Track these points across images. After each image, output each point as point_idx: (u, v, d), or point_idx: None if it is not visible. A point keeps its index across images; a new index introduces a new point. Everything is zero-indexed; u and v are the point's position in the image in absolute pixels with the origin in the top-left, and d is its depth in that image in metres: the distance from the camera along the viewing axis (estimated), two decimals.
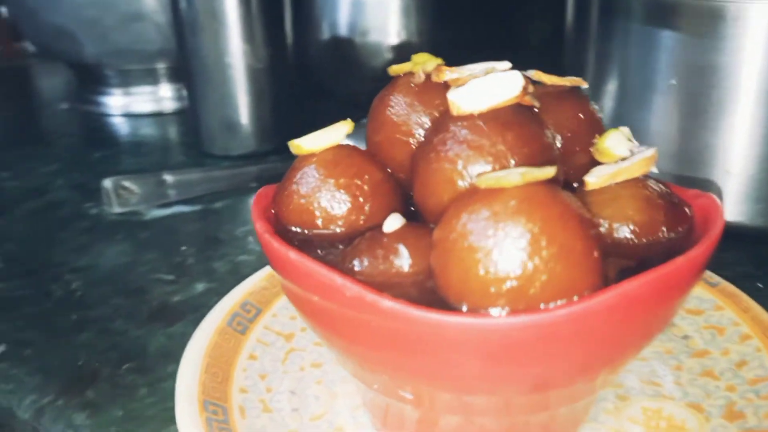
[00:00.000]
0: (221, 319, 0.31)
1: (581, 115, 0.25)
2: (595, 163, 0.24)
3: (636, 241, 0.22)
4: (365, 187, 0.24)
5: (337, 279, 0.19)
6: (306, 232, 0.24)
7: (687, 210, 0.24)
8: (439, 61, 0.26)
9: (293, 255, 0.20)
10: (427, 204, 0.22)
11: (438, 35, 0.67)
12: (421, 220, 0.23)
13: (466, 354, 0.19)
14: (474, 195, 0.19)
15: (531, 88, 0.23)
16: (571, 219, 0.18)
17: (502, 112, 0.21)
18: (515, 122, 0.21)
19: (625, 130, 0.25)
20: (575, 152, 0.25)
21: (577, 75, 0.43)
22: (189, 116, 0.62)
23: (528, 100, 0.23)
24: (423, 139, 0.24)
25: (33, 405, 0.30)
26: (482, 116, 0.21)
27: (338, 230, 0.24)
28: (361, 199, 0.24)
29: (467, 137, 0.21)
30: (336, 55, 0.69)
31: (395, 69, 0.26)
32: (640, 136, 0.40)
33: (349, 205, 0.24)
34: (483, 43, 0.69)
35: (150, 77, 0.76)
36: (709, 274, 0.33)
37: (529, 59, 0.29)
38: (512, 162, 0.21)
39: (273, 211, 0.25)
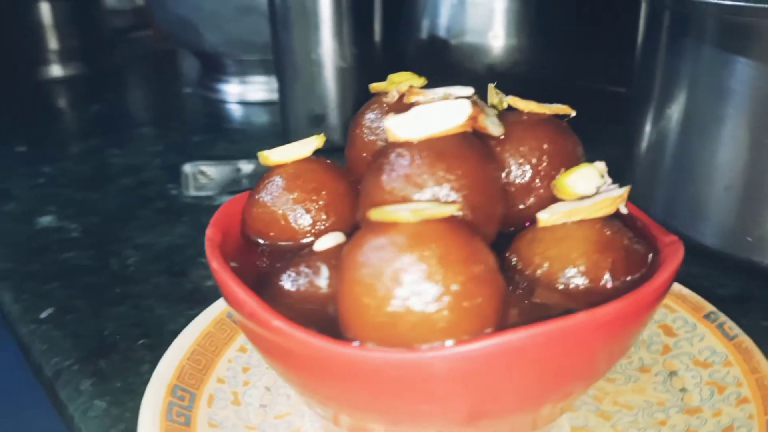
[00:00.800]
0: (221, 310, 0.33)
1: (549, 146, 0.23)
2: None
3: (576, 285, 0.21)
4: (321, 202, 0.24)
5: (239, 293, 0.20)
6: (265, 242, 0.25)
7: (648, 256, 0.22)
8: (418, 81, 0.25)
9: (215, 264, 0.21)
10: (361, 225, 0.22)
11: (538, 39, 0.65)
12: None
13: (343, 380, 0.19)
14: (369, 226, 0.19)
15: (483, 118, 0.22)
16: (463, 261, 0.18)
17: (440, 142, 0.21)
18: (450, 153, 0.21)
19: (599, 166, 0.23)
20: (536, 185, 0.23)
21: (643, 96, 0.40)
22: (279, 108, 0.65)
23: (483, 127, 0.22)
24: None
25: (55, 366, 0.34)
26: (417, 145, 0.21)
27: (297, 242, 0.25)
28: (318, 213, 0.24)
29: (397, 165, 0.21)
30: (433, 56, 0.68)
31: (374, 87, 0.26)
32: (703, 166, 0.37)
33: (306, 217, 0.24)
34: (583, 48, 0.65)
35: (264, 67, 0.80)
36: (730, 325, 0.30)
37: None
38: (443, 193, 0.20)
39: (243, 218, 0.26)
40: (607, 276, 0.21)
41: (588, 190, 0.22)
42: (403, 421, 0.20)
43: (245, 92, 0.81)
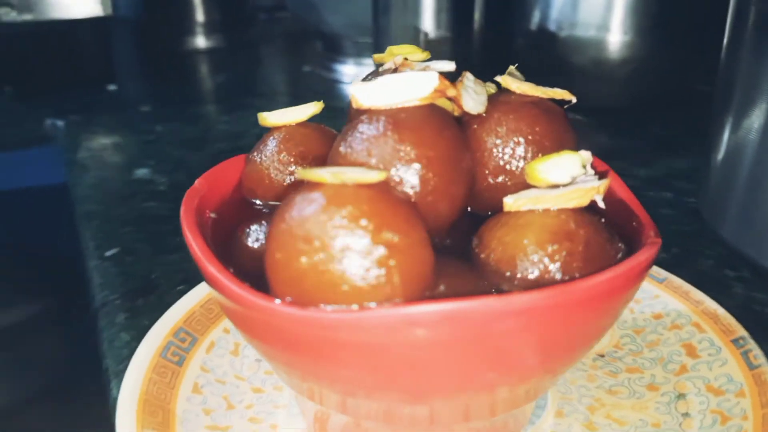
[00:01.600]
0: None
1: (529, 128, 0.22)
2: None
3: (523, 273, 0.20)
4: (306, 165, 0.25)
5: (189, 236, 0.21)
6: (257, 202, 0.26)
7: (617, 255, 0.21)
8: (419, 54, 0.25)
9: (183, 210, 0.23)
10: None
11: (655, 37, 0.61)
12: None
13: (261, 334, 0.19)
14: (300, 186, 0.19)
15: (453, 92, 0.21)
16: (376, 227, 0.18)
17: (400, 112, 0.21)
18: (407, 124, 0.20)
19: (584, 155, 0.22)
20: (512, 169, 0.22)
21: (724, 100, 0.37)
22: None
23: (459, 102, 0.22)
24: None
25: (103, 299, 0.37)
26: (378, 113, 0.21)
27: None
28: None
29: (355, 131, 0.21)
30: (539, 48, 0.66)
31: (377, 57, 0.26)
32: None
33: (289, 179, 0.25)
34: (707, 49, 0.60)
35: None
36: (756, 353, 0.27)
37: None
38: (393, 162, 0.20)
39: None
40: (555, 267, 0.20)
41: (561, 179, 0.21)
42: (339, 386, 0.21)
43: (360, 73, 0.84)
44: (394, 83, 0.21)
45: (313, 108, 0.26)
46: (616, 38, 0.60)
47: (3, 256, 0.82)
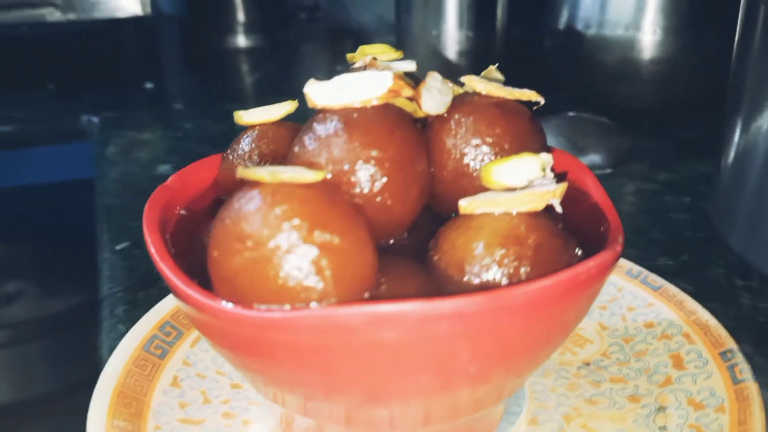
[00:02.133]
0: None
1: (490, 130, 0.22)
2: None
3: (470, 277, 0.20)
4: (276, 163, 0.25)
5: (146, 232, 0.21)
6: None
7: (573, 260, 0.20)
8: (390, 54, 0.25)
9: (147, 206, 0.23)
10: None
11: (679, 34, 0.59)
12: None
13: (206, 331, 0.20)
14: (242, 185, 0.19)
15: (408, 92, 0.21)
16: (310, 226, 0.18)
17: (353, 112, 0.21)
18: (358, 124, 0.20)
19: (544, 158, 0.21)
20: (471, 171, 0.22)
21: (734, 102, 0.35)
22: None
23: (418, 102, 0.22)
24: None
25: (107, 291, 0.38)
26: (331, 113, 0.21)
27: None
28: None
29: (308, 130, 0.21)
30: (566, 48, 0.65)
31: (349, 56, 0.26)
32: None
33: None
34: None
35: None
36: (742, 368, 0.26)
37: None
38: (342, 162, 0.20)
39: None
40: (501, 272, 0.19)
41: (517, 182, 0.21)
42: (284, 386, 0.21)
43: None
44: (349, 83, 0.21)
45: (288, 107, 0.26)
46: (644, 38, 0.59)
47: (39, 247, 0.85)
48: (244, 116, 0.26)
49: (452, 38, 0.57)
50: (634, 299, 0.32)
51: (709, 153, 0.54)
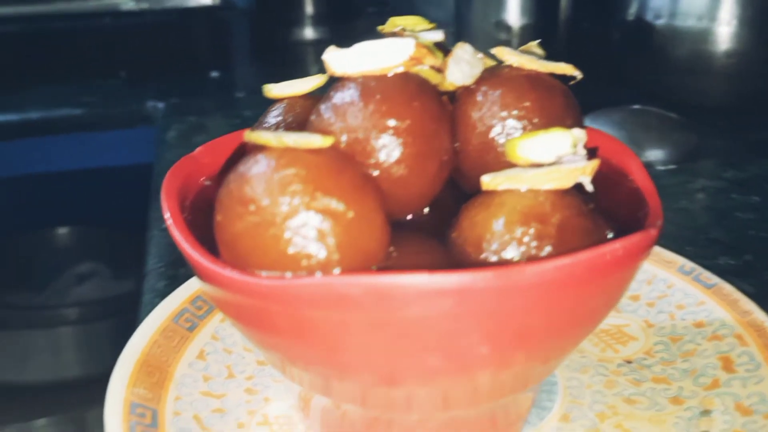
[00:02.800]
0: None
1: (519, 103, 0.20)
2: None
3: (487, 254, 0.19)
4: None
5: (163, 198, 0.21)
6: None
7: (597, 242, 0.19)
8: (422, 25, 0.24)
9: (168, 175, 0.23)
10: None
11: (756, 25, 0.55)
12: None
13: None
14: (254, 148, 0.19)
15: (432, 60, 0.20)
16: (312, 191, 0.17)
17: (373, 80, 0.20)
18: (376, 92, 0.20)
19: (576, 134, 0.20)
20: (497, 145, 0.21)
21: None
22: None
23: (433, 74, 0.21)
24: None
25: (151, 266, 0.39)
26: (350, 80, 0.20)
27: None
28: None
29: (329, 99, 0.20)
30: (634, 38, 0.62)
31: (380, 28, 0.25)
32: None
33: None
34: None
35: None
36: None
37: None
38: (361, 131, 0.19)
39: None
40: (520, 251, 0.18)
41: (544, 158, 0.20)
42: (288, 357, 0.20)
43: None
44: (370, 50, 0.20)
45: (317, 80, 0.25)
46: (719, 29, 0.55)
47: (112, 229, 0.88)
48: (274, 89, 0.26)
49: (512, 26, 0.56)
50: (684, 297, 0.30)
51: None
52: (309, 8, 1.05)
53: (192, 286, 0.31)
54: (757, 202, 0.43)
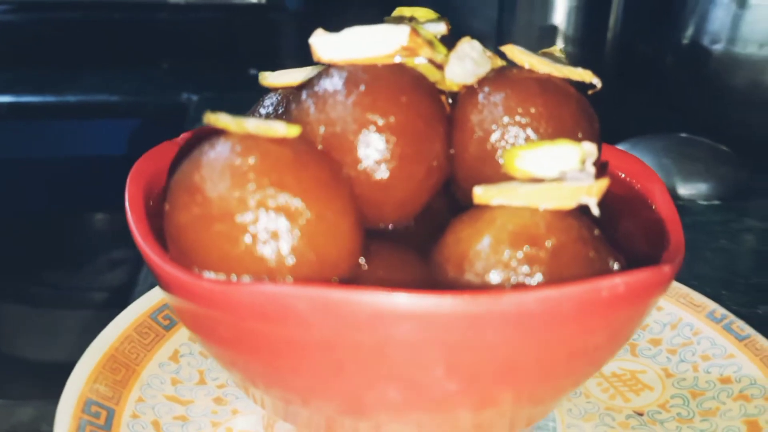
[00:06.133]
0: None
1: (524, 108, 0.18)
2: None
3: (470, 276, 0.16)
4: None
5: (127, 190, 0.19)
6: None
7: (600, 272, 0.16)
8: (428, 15, 0.22)
9: (134, 167, 0.21)
10: None
11: None
12: None
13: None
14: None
15: (427, 53, 0.18)
16: (265, 185, 0.15)
17: (359, 69, 0.18)
18: (361, 83, 0.17)
19: (587, 148, 0.17)
20: (497, 153, 0.18)
21: None
22: None
23: (433, 70, 0.18)
24: None
25: None
26: (336, 68, 0.18)
27: None
28: None
29: (311, 87, 0.18)
30: (689, 64, 0.58)
31: (387, 19, 0.23)
32: None
33: None
34: None
35: None
36: None
37: None
38: (340, 125, 0.17)
39: None
40: (504, 275, 0.16)
41: (546, 173, 0.17)
42: (236, 370, 0.18)
43: None
44: (361, 36, 0.18)
45: (315, 70, 0.23)
46: None
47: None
48: (269, 77, 0.24)
49: (556, 41, 0.53)
50: (711, 347, 0.27)
51: None
52: (357, 13, 1.04)
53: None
54: None
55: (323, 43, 0.18)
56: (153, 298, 0.28)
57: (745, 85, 0.53)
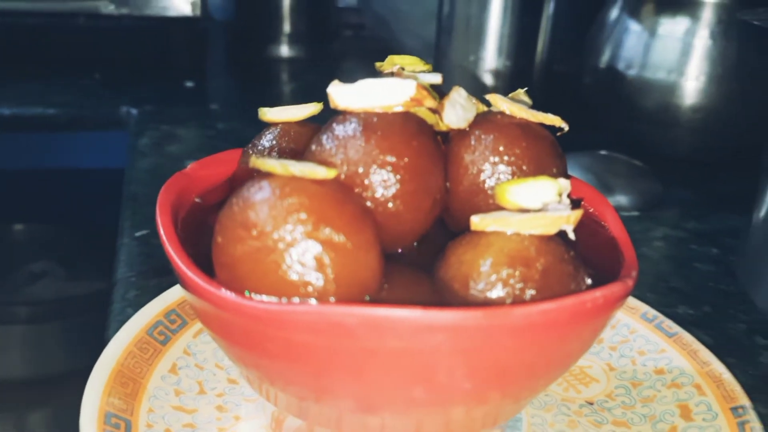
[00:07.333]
0: None
1: (509, 149, 0.22)
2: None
3: (474, 294, 0.19)
4: None
5: (158, 214, 0.22)
6: None
7: (580, 288, 0.20)
8: (418, 65, 0.25)
9: (162, 190, 0.23)
10: None
11: (723, 82, 0.58)
12: None
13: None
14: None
15: (431, 103, 0.21)
16: (311, 221, 0.18)
17: (373, 116, 0.21)
18: (376, 128, 0.20)
19: (562, 183, 0.21)
20: (487, 188, 0.22)
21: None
22: None
23: (440, 114, 0.21)
24: None
25: (122, 275, 0.39)
26: (351, 115, 0.21)
27: None
28: None
29: (330, 131, 0.21)
30: (606, 86, 0.64)
31: (378, 65, 0.26)
32: None
33: None
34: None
35: None
36: (754, 426, 0.25)
37: None
38: (361, 165, 0.20)
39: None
40: (505, 292, 0.19)
41: (531, 204, 0.21)
42: (276, 382, 0.20)
43: None
44: (373, 88, 0.21)
45: (312, 108, 0.26)
46: (687, 83, 0.58)
47: (69, 230, 0.87)
48: (269, 113, 0.26)
49: (489, 65, 0.57)
50: (646, 343, 0.32)
51: (743, 208, 0.53)
52: (287, 26, 1.05)
53: (166, 299, 0.31)
54: (716, 255, 0.45)
55: (340, 92, 0.21)
56: (144, 316, 0.30)
57: (655, 107, 0.59)
